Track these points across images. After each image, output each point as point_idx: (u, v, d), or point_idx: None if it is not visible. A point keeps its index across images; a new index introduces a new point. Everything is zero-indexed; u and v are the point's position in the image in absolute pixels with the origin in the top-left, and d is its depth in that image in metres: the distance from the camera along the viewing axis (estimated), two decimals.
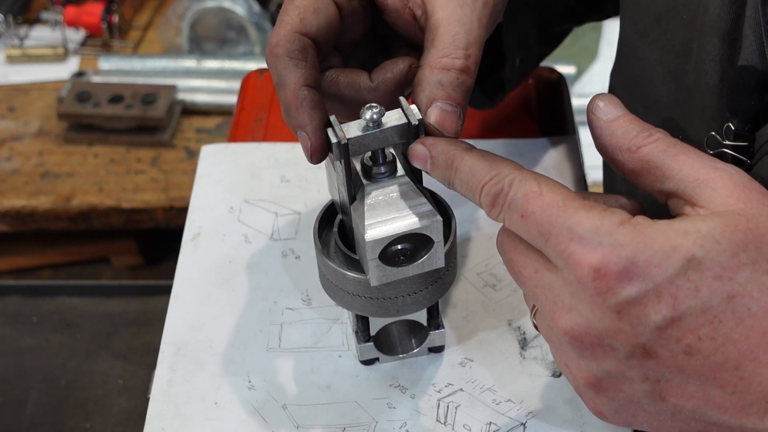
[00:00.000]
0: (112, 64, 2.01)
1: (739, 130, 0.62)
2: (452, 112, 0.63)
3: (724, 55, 0.64)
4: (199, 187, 0.91)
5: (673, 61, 0.70)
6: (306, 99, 0.63)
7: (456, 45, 0.64)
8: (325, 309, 0.79)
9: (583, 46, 1.98)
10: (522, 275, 0.57)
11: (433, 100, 0.63)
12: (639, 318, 0.51)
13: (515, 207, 0.55)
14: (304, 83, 0.63)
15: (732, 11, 0.63)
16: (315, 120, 0.62)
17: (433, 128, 0.63)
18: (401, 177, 0.65)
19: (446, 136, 0.63)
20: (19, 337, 1.99)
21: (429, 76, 0.63)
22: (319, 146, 0.63)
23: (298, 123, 0.63)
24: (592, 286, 0.52)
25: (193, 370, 0.75)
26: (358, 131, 0.62)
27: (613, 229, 0.52)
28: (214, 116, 1.96)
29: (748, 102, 0.61)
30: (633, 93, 0.77)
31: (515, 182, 0.55)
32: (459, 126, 0.63)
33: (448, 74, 0.63)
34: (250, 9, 2.00)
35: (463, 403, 0.72)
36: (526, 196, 0.54)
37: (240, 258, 0.83)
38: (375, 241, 0.62)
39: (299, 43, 0.64)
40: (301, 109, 0.62)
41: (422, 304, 0.69)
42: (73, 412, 1.85)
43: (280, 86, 0.64)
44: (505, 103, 0.98)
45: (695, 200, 0.54)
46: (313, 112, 0.63)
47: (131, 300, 2.03)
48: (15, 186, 1.84)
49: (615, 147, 0.57)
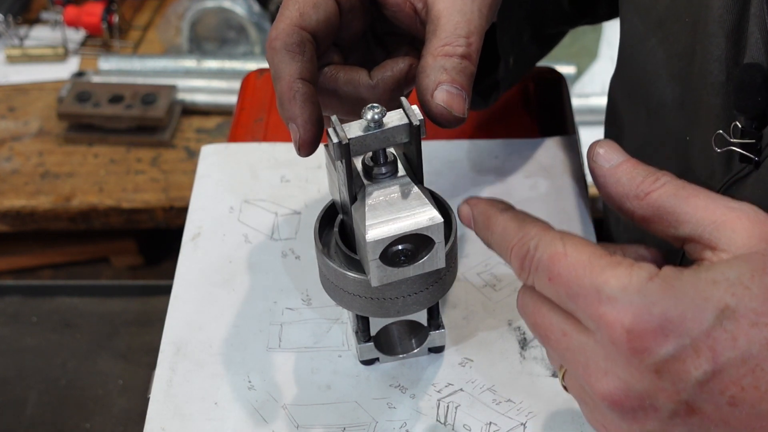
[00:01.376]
0: (112, 64, 2.01)
1: (746, 128, 0.62)
2: (458, 94, 0.63)
3: (729, 54, 0.63)
4: (199, 187, 0.91)
5: (677, 64, 0.70)
6: (299, 92, 0.63)
7: (457, 33, 0.64)
8: (325, 309, 0.79)
9: (583, 46, 1.98)
10: (549, 339, 0.55)
11: (438, 84, 0.63)
12: (679, 375, 0.50)
13: (543, 270, 0.53)
14: (299, 76, 0.63)
15: (735, 10, 0.63)
16: (306, 113, 0.63)
17: (441, 109, 0.63)
18: (402, 177, 0.65)
19: (454, 115, 0.63)
20: (19, 337, 1.99)
21: (432, 63, 0.64)
22: (308, 139, 0.63)
23: (290, 115, 0.63)
24: (627, 347, 0.50)
25: (193, 370, 0.75)
26: (360, 131, 0.62)
27: (642, 286, 0.50)
28: (214, 116, 1.96)
29: (755, 99, 0.61)
30: (635, 97, 0.77)
31: (541, 244, 0.54)
32: (466, 109, 0.64)
33: (451, 60, 0.64)
34: (250, 9, 2.00)
35: (463, 403, 0.72)
36: (551, 258, 0.53)
37: (240, 258, 0.83)
38: (376, 241, 0.62)
39: (297, 37, 0.64)
40: (293, 101, 0.63)
41: (423, 304, 0.69)
42: (73, 412, 1.85)
43: (276, 79, 0.64)
44: (505, 103, 0.98)
45: (715, 244, 0.52)
46: (305, 105, 0.63)
47: (131, 300, 2.03)
48: (15, 186, 1.84)
49: (622, 195, 0.56)
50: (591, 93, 1.88)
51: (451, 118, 0.64)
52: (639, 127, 0.79)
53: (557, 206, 0.87)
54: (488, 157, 0.92)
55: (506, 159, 0.91)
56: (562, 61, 1.89)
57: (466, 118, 0.64)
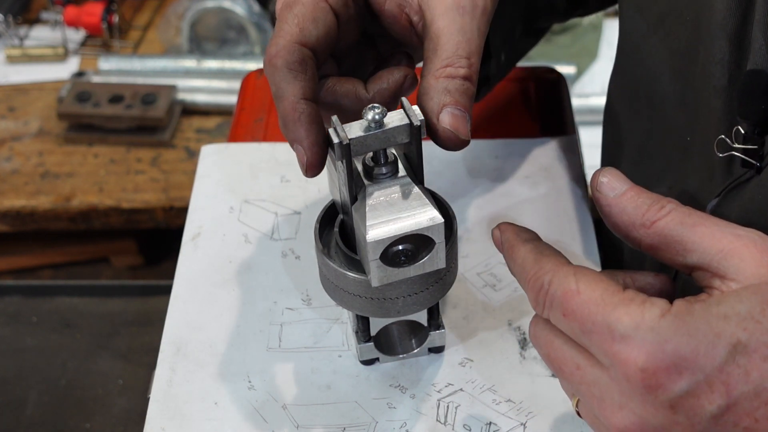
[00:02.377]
0: (112, 64, 2.01)
1: (748, 134, 0.62)
2: (462, 116, 0.63)
3: (732, 58, 0.63)
4: (199, 187, 0.91)
5: (679, 62, 0.70)
6: (304, 113, 0.62)
7: (459, 54, 0.64)
8: (325, 309, 0.79)
9: (583, 46, 1.98)
10: (563, 371, 0.56)
11: (443, 106, 0.63)
12: (694, 410, 0.51)
13: (557, 305, 0.55)
14: (303, 96, 0.63)
15: (738, 13, 0.63)
16: (312, 135, 0.62)
17: (448, 133, 0.63)
18: (403, 177, 0.65)
19: (461, 138, 0.63)
20: (19, 337, 1.99)
21: (435, 84, 0.63)
22: (315, 162, 0.63)
23: (295, 137, 0.63)
24: (642, 385, 0.51)
25: (193, 370, 0.75)
26: (360, 131, 0.62)
27: (654, 324, 0.51)
28: (214, 116, 1.96)
29: (758, 106, 0.61)
30: (637, 93, 0.77)
31: (554, 280, 0.55)
32: (469, 131, 0.64)
33: (453, 82, 0.63)
34: (250, 9, 2.00)
35: (463, 403, 0.72)
36: (564, 295, 0.54)
37: (240, 258, 0.83)
38: (376, 241, 0.62)
39: (299, 55, 0.64)
40: (298, 123, 0.62)
41: (423, 304, 0.69)
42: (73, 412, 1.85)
43: (278, 98, 0.63)
44: (505, 103, 0.98)
45: (723, 273, 0.53)
46: (311, 127, 0.62)
47: (131, 300, 2.03)
48: (15, 186, 1.84)
49: (628, 224, 0.57)
50: (591, 93, 1.88)
51: (457, 141, 0.64)
52: (639, 125, 0.79)
53: (557, 206, 0.87)
54: (488, 157, 0.92)
55: (506, 159, 0.91)
56: (562, 61, 1.89)
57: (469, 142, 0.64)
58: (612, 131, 0.86)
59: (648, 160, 0.78)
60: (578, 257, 0.82)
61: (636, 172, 0.80)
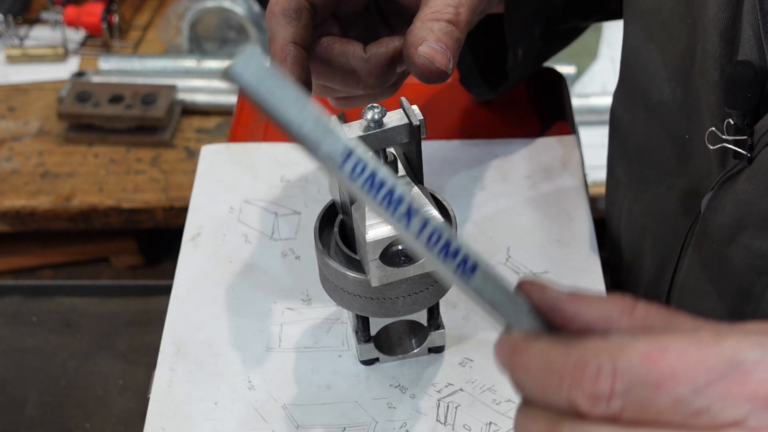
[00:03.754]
0: (112, 64, 2.01)
1: (738, 124, 0.62)
2: (441, 52, 0.65)
3: (723, 52, 0.64)
4: (199, 187, 0.91)
5: (678, 64, 0.70)
6: (290, 54, 0.65)
7: (447, 3, 0.66)
8: (325, 309, 0.79)
9: (583, 46, 1.97)
10: None
11: (423, 40, 0.65)
12: None
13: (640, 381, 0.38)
14: (292, 40, 0.65)
15: (729, 8, 0.63)
16: (294, 74, 0.65)
17: (423, 59, 0.64)
18: (402, 177, 0.65)
19: (435, 66, 0.64)
20: (19, 337, 1.99)
21: (420, 25, 0.66)
22: None
23: None
24: None
25: (193, 370, 0.75)
26: (360, 131, 0.62)
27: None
28: (214, 116, 1.96)
29: (745, 95, 0.61)
30: (635, 96, 0.78)
31: (616, 353, 0.39)
32: (449, 66, 0.65)
33: (437, 23, 0.65)
34: (250, 9, 1.99)
35: (463, 403, 0.72)
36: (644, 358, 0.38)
37: (240, 258, 0.83)
38: (376, 241, 0.62)
39: (295, 3, 0.66)
40: (283, 62, 0.65)
41: (423, 304, 0.69)
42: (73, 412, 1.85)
43: (270, 42, 0.67)
44: (506, 103, 0.98)
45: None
46: (294, 66, 0.65)
47: (131, 300, 2.03)
48: (15, 186, 1.84)
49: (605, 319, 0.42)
50: (591, 93, 1.87)
51: (433, 69, 0.65)
52: (638, 127, 0.79)
53: (557, 206, 0.87)
54: (488, 157, 0.92)
55: (506, 159, 0.91)
56: (562, 61, 1.88)
57: (450, 74, 0.65)
58: (614, 134, 0.86)
59: (648, 161, 0.79)
60: (578, 257, 0.82)
61: (636, 174, 0.81)
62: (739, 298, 0.66)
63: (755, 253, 0.63)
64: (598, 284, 0.80)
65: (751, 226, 0.63)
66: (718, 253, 0.66)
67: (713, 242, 0.67)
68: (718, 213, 0.66)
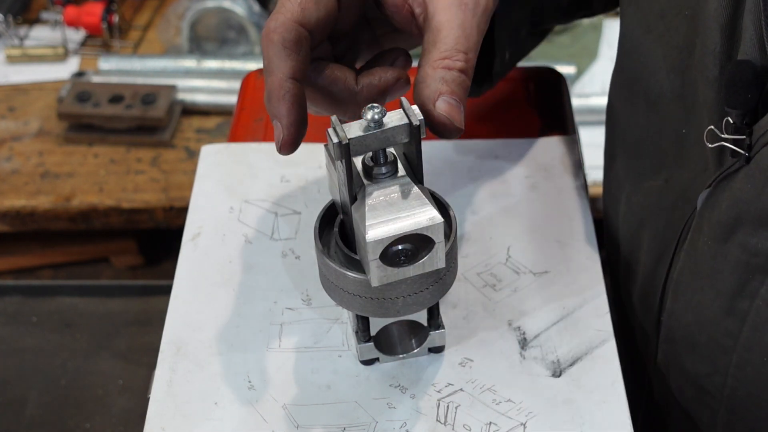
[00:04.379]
0: (112, 64, 2.01)
1: (737, 124, 0.62)
2: (456, 107, 0.65)
3: (723, 48, 0.64)
4: (199, 187, 0.91)
5: (677, 57, 0.70)
6: (289, 92, 0.64)
7: (457, 48, 0.66)
8: (325, 309, 0.79)
9: (583, 46, 1.98)
10: None
11: (440, 94, 0.65)
12: None
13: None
14: (291, 75, 0.64)
15: (730, 4, 0.63)
16: (292, 115, 0.64)
17: (444, 118, 0.65)
18: (402, 177, 0.65)
19: (455, 126, 0.65)
20: (19, 337, 1.99)
21: (432, 74, 0.65)
22: (290, 141, 0.64)
23: (276, 114, 0.64)
24: None
25: (193, 370, 0.75)
26: (360, 131, 0.62)
27: None
28: (214, 116, 1.96)
29: (744, 95, 0.61)
30: (635, 89, 0.78)
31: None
32: (463, 121, 0.66)
33: (450, 73, 0.65)
34: (250, 9, 1.99)
35: (463, 403, 0.72)
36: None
37: (240, 258, 0.83)
38: (376, 241, 0.62)
39: (295, 34, 0.65)
40: (282, 101, 0.64)
41: (423, 304, 0.69)
42: (73, 412, 1.85)
43: (267, 72, 0.65)
44: (505, 103, 0.98)
45: None
46: (293, 107, 0.64)
47: (131, 300, 2.03)
48: (15, 186, 1.84)
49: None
50: (591, 93, 1.88)
51: (452, 128, 0.65)
52: (637, 119, 0.79)
53: (557, 206, 0.87)
54: (488, 157, 0.92)
55: (506, 159, 0.91)
56: (562, 61, 1.89)
57: (463, 131, 0.66)
58: (612, 126, 0.86)
59: (646, 154, 0.79)
60: (578, 257, 0.82)
61: (633, 167, 0.81)
62: (733, 295, 0.66)
63: (750, 250, 0.63)
64: (597, 284, 0.80)
65: (747, 224, 0.63)
66: (714, 250, 0.67)
67: (709, 239, 0.67)
68: (714, 210, 0.66)
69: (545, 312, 0.78)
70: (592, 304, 0.78)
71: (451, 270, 0.69)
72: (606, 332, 0.76)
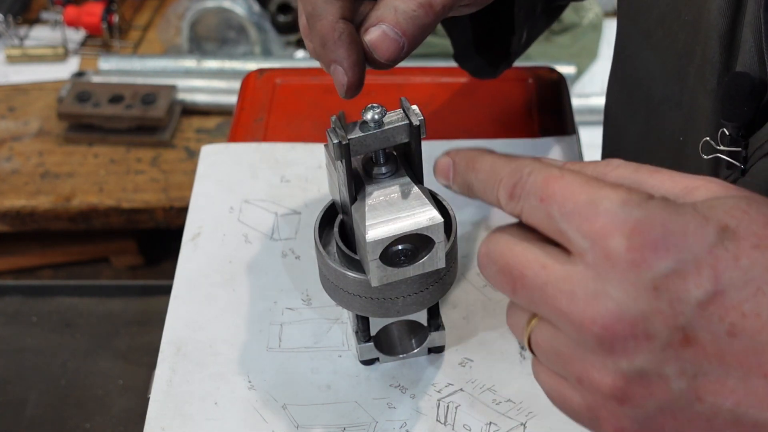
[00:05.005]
0: (112, 64, 2.01)
1: (733, 136, 0.62)
2: (394, 39, 0.62)
3: (721, 59, 0.63)
4: (199, 187, 0.91)
5: (677, 62, 0.70)
6: (344, 33, 0.61)
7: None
8: (325, 309, 0.79)
9: (583, 46, 1.98)
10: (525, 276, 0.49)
11: (380, 21, 0.62)
12: (679, 294, 0.46)
13: (534, 192, 0.49)
14: (342, 16, 0.61)
15: (729, 14, 0.63)
16: (353, 55, 0.61)
17: (365, 48, 0.62)
18: (402, 177, 0.65)
19: (375, 58, 0.62)
20: (19, 337, 1.99)
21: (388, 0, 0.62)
22: (356, 82, 0.62)
23: (335, 57, 0.61)
24: (626, 258, 0.46)
25: (193, 370, 0.75)
26: (359, 131, 0.62)
27: (642, 202, 0.47)
28: (214, 116, 1.96)
29: (741, 108, 0.60)
30: (636, 94, 0.77)
31: (535, 169, 0.50)
32: (396, 56, 0.62)
33: (406, 3, 0.62)
34: (250, 9, 1.99)
35: (463, 403, 0.72)
36: (546, 179, 0.49)
37: (240, 258, 0.83)
38: (376, 241, 0.62)
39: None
40: (339, 42, 0.61)
41: (423, 304, 0.69)
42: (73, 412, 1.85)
43: (314, 18, 0.62)
44: (505, 103, 0.98)
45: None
46: (351, 46, 0.61)
47: (131, 300, 2.03)
48: (15, 186, 1.84)
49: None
50: (591, 93, 1.88)
51: (372, 59, 0.62)
52: (636, 125, 0.79)
53: None
54: None
55: None
56: (562, 61, 1.88)
57: (394, 65, 0.63)
58: (610, 131, 0.86)
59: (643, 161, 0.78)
60: None
61: None
62: None
63: None
64: None
65: None
66: None
67: None
68: None
69: None
70: None
71: (451, 270, 0.69)
72: None
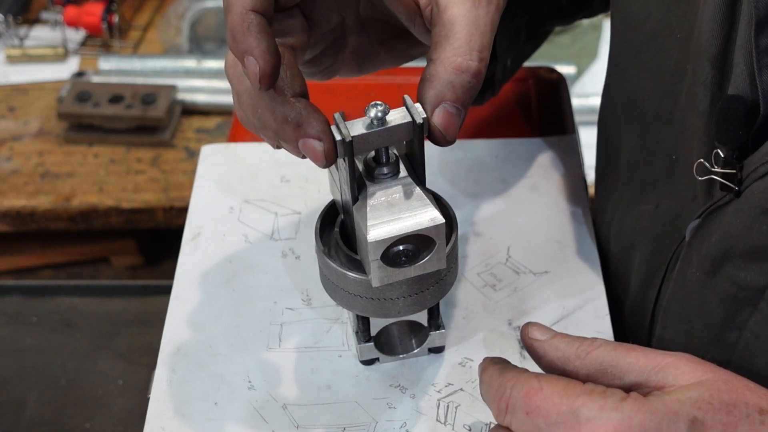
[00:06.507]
0: (112, 64, 2.01)
1: (727, 158, 0.61)
2: (456, 115, 0.62)
3: (714, 80, 0.63)
4: (199, 187, 0.91)
5: (669, 79, 0.70)
6: (253, 23, 0.58)
7: (472, 47, 0.62)
8: (325, 309, 0.79)
9: (583, 46, 1.98)
10: None
11: (441, 100, 0.62)
12: None
13: (520, 407, 0.56)
14: (252, 8, 0.59)
15: (721, 36, 0.62)
16: (263, 43, 0.58)
17: (436, 131, 0.62)
18: (404, 178, 0.65)
19: (446, 140, 0.63)
20: (19, 337, 1.99)
21: (442, 74, 0.62)
22: (269, 70, 0.58)
23: (245, 48, 0.58)
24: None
25: (193, 370, 0.75)
26: (363, 129, 0.62)
27: (617, 405, 0.54)
28: (214, 116, 1.96)
29: (736, 132, 0.60)
30: (630, 108, 0.77)
31: (517, 384, 0.57)
32: (458, 130, 0.63)
33: (461, 76, 0.62)
34: None
35: (463, 403, 0.72)
36: (527, 394, 0.56)
37: (240, 258, 0.83)
38: (377, 241, 0.62)
39: None
40: (247, 33, 0.58)
41: (423, 304, 0.69)
42: (73, 412, 1.85)
43: (225, 11, 0.60)
44: (505, 103, 0.98)
45: (662, 384, 0.56)
46: (261, 35, 0.58)
47: (131, 300, 2.03)
48: (15, 186, 1.84)
49: (563, 358, 0.60)
50: (591, 93, 1.88)
51: (443, 141, 0.63)
52: (629, 140, 0.78)
53: (557, 206, 0.87)
54: (488, 157, 0.92)
55: (506, 159, 0.91)
56: (562, 61, 1.88)
57: (454, 142, 0.64)
58: (604, 145, 0.85)
59: (637, 177, 0.78)
60: (577, 257, 0.82)
61: (625, 189, 0.80)
62: (722, 326, 0.65)
63: (739, 284, 0.63)
64: (597, 284, 0.80)
65: (736, 257, 0.62)
66: (702, 282, 0.66)
67: (698, 270, 0.66)
68: (703, 242, 0.65)
69: (545, 312, 0.78)
70: (591, 305, 0.78)
71: (452, 270, 0.69)
72: (605, 334, 0.76)
